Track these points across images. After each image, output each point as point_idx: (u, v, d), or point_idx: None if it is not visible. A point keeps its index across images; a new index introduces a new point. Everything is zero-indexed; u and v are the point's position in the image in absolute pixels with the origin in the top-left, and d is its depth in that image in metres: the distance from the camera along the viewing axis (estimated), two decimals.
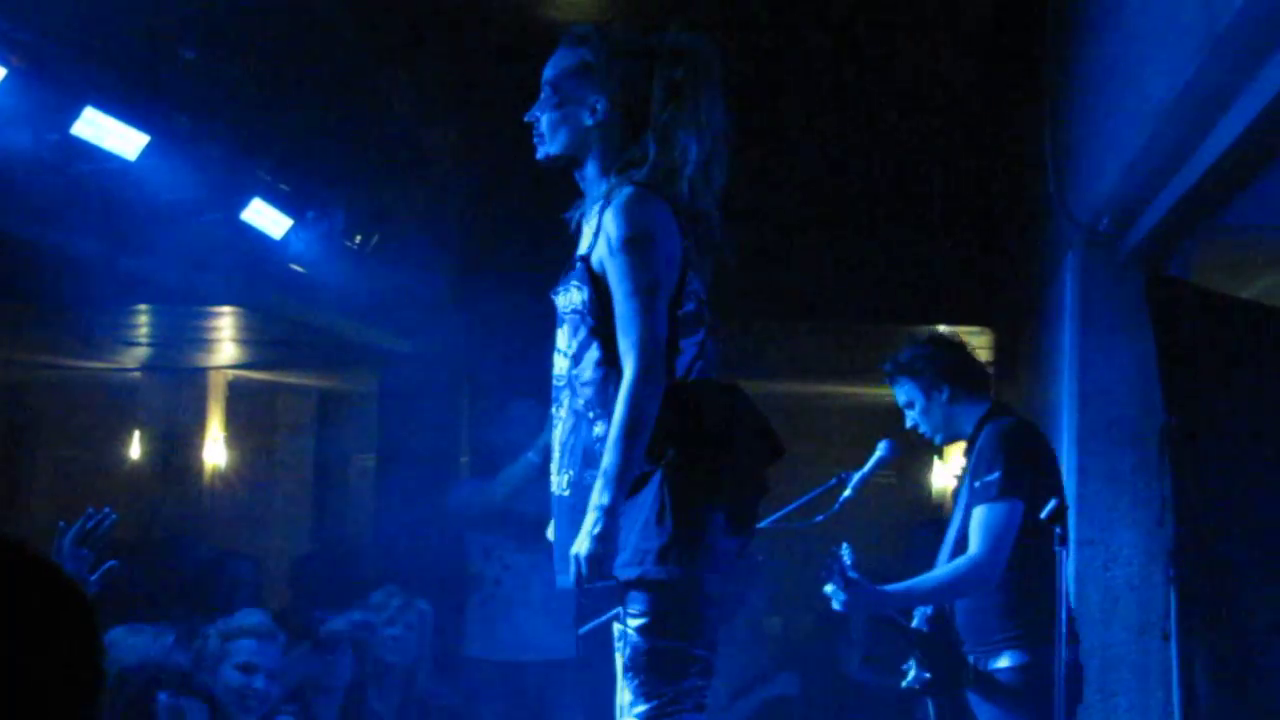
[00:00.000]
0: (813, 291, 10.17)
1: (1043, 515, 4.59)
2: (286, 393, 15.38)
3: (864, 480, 5.23)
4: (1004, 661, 5.07)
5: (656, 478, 3.73)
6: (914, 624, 5.34)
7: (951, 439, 5.48)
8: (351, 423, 14.59)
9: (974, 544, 5.02)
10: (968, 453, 5.36)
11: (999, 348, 10.79)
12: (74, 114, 5.66)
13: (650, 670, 3.75)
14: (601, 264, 3.80)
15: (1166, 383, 6.28)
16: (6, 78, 5.27)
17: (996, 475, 5.01)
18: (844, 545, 5.03)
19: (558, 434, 3.96)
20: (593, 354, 3.85)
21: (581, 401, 3.87)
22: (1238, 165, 5.03)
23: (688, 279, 3.86)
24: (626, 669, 3.79)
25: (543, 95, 3.99)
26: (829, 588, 5.01)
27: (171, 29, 6.41)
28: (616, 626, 3.85)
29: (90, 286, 8.05)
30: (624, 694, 3.81)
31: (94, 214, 6.51)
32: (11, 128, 5.54)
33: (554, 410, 4.00)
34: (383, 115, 8.68)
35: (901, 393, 5.44)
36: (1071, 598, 5.15)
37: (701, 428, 3.80)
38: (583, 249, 3.88)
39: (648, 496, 3.73)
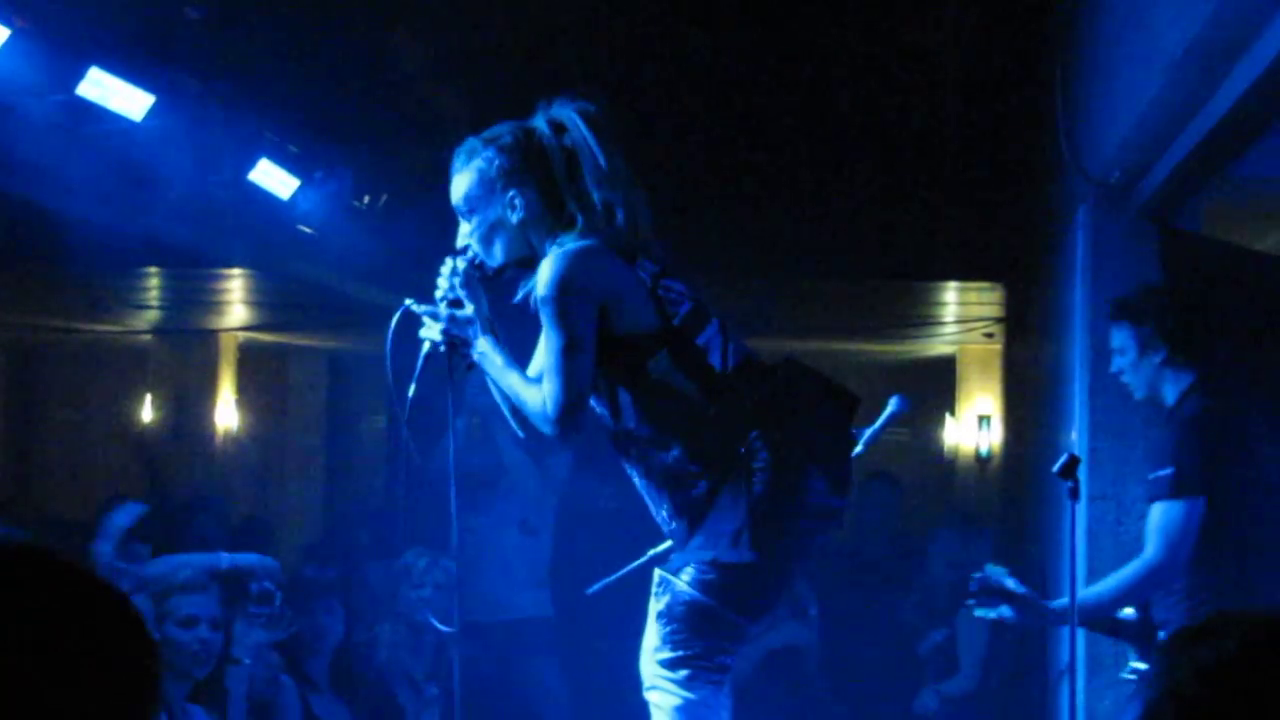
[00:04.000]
0: (823, 248, 10.14)
1: (1054, 469, 4.57)
2: (297, 354, 15.39)
3: (875, 437, 5.17)
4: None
5: (734, 467, 3.80)
6: (1124, 614, 5.19)
7: (1152, 400, 5.28)
8: (362, 384, 14.60)
9: (1150, 546, 4.89)
10: (1165, 422, 5.20)
11: (1010, 303, 10.77)
12: (79, 74, 5.63)
13: (684, 621, 3.84)
14: None
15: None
16: (10, 38, 5.25)
17: (1170, 471, 4.84)
18: (991, 566, 4.97)
19: (638, 483, 4.04)
20: (625, 399, 3.93)
21: (647, 439, 3.93)
22: (1251, 116, 4.99)
23: (663, 287, 3.90)
24: (661, 614, 3.87)
25: (462, 223, 4.05)
26: (987, 612, 4.94)
27: None
28: (658, 571, 3.94)
29: (98, 249, 8.04)
30: (651, 636, 3.90)
31: (101, 176, 6.49)
32: (16, 89, 5.52)
33: (626, 465, 4.07)
34: (391, 75, 8.65)
35: (1116, 337, 5.23)
36: (1082, 552, 5.12)
37: (771, 409, 3.86)
38: None
39: (725, 484, 3.81)
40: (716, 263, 10.30)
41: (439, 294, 4.05)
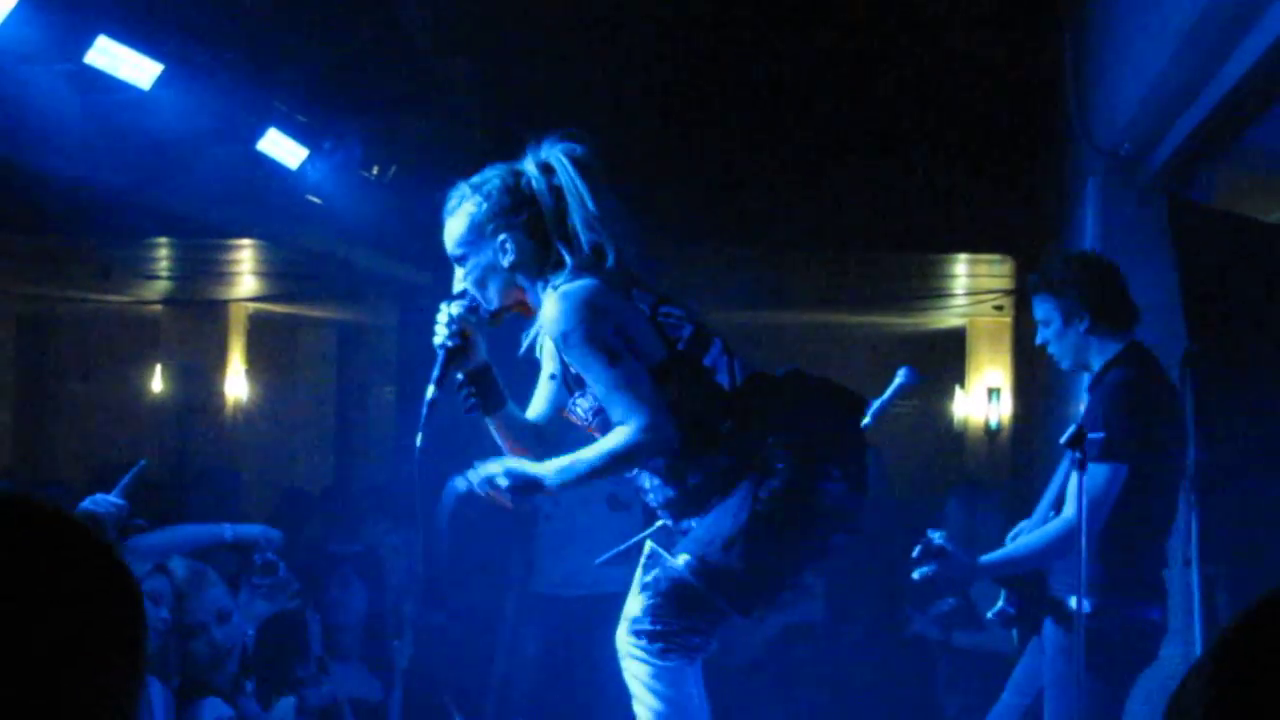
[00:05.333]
0: (832, 220, 10.13)
1: (1063, 440, 4.58)
2: (307, 326, 15.40)
3: (884, 409, 5.17)
4: (1075, 603, 5.00)
5: (748, 481, 3.82)
6: None
7: (1078, 369, 5.28)
8: (372, 355, 14.62)
9: (1070, 506, 4.93)
10: (1090, 388, 5.22)
11: (1020, 276, 10.75)
12: (87, 42, 5.61)
13: (669, 598, 3.87)
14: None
15: (1189, 308, 6.24)
16: (18, 6, 5.23)
17: (1100, 436, 4.88)
18: (932, 531, 5.00)
19: (653, 497, 4.04)
20: None
21: (666, 467, 3.93)
22: (1261, 86, 4.98)
23: (662, 314, 3.92)
24: (647, 585, 3.90)
25: (457, 268, 4.06)
26: (922, 570, 4.97)
27: None
28: (650, 544, 3.98)
29: (108, 219, 8.03)
30: (633, 606, 3.93)
31: (109, 145, 6.49)
32: (24, 57, 5.50)
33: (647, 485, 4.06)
34: (400, 45, 8.64)
35: (1040, 309, 5.20)
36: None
37: (786, 418, 3.88)
38: (554, 368, 4.03)
39: (735, 489, 3.83)
40: (727, 237, 10.31)
41: (436, 340, 4.04)
